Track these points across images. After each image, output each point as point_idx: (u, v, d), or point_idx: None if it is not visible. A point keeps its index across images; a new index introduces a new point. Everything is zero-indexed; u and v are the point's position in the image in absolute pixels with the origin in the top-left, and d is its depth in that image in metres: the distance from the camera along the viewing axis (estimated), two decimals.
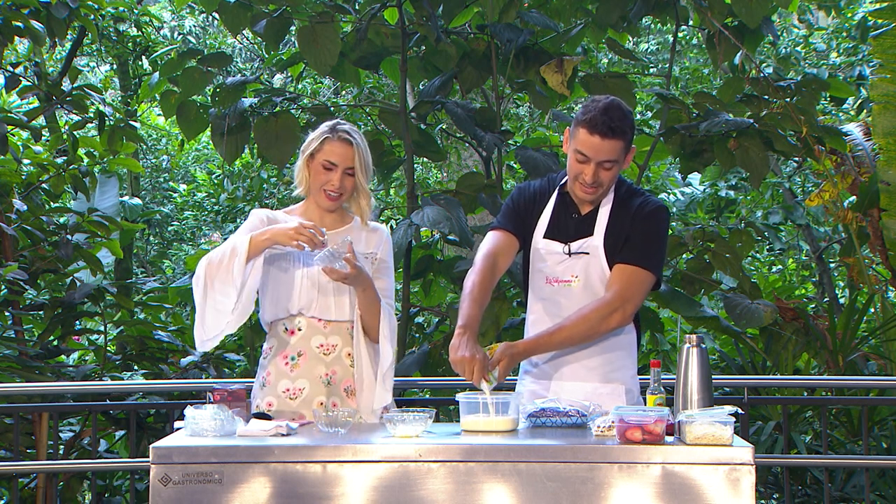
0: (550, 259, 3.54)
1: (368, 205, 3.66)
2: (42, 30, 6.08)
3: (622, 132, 3.37)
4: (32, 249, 5.94)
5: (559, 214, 3.57)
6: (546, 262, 3.55)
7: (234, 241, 3.46)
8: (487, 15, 6.48)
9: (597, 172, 3.40)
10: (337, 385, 3.55)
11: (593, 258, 3.50)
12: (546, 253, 3.55)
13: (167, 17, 12.42)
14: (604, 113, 3.35)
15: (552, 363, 3.55)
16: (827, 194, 7.31)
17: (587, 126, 3.37)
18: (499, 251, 3.56)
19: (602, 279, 3.49)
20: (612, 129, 3.34)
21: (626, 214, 3.51)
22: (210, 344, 3.51)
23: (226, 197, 11.23)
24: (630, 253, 3.46)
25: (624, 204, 3.53)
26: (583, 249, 3.51)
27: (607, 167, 3.40)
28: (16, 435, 4.96)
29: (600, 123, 3.35)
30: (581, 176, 3.43)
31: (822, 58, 11.03)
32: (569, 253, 3.52)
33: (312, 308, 3.55)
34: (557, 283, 3.53)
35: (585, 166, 3.41)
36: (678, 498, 2.86)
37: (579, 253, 3.51)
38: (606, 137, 3.35)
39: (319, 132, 3.61)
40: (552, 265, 3.54)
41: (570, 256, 3.51)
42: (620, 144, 3.39)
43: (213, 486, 2.93)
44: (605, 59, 10.39)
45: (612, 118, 3.35)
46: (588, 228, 3.52)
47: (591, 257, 3.50)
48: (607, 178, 3.43)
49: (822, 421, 5.23)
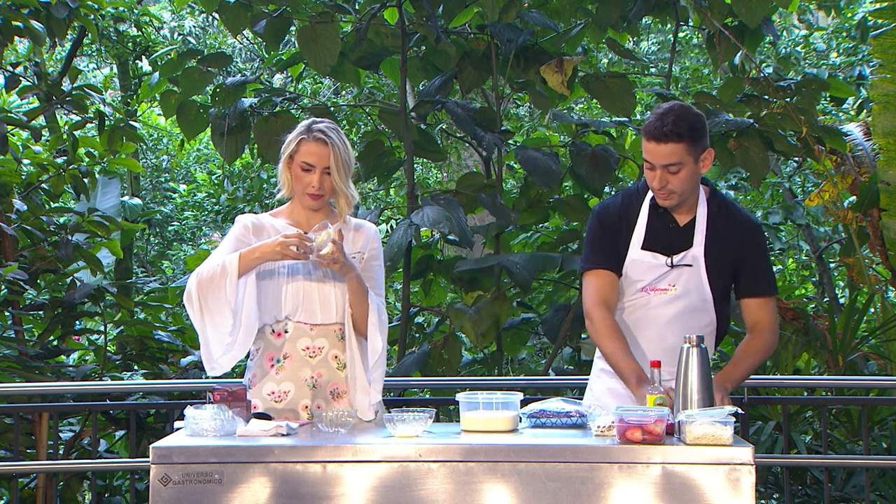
0: (650, 270, 3.56)
1: (348, 204, 3.61)
2: (42, 30, 6.08)
3: (677, 135, 3.40)
4: (32, 249, 5.94)
5: (654, 225, 3.59)
6: (645, 272, 3.56)
7: (223, 259, 3.41)
8: (487, 15, 6.48)
9: (663, 177, 3.45)
10: (323, 388, 3.53)
11: (694, 269, 3.54)
12: (646, 265, 3.56)
13: (167, 18, 12.43)
14: (659, 118, 3.43)
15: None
16: (827, 194, 7.31)
17: (644, 133, 3.46)
18: (606, 295, 3.58)
19: (699, 289, 3.53)
20: (664, 134, 3.40)
21: (727, 227, 3.57)
22: (219, 367, 3.46)
23: (226, 197, 11.24)
24: (758, 286, 3.61)
25: (722, 215, 3.58)
26: (685, 262, 3.54)
27: (673, 171, 3.44)
28: (16, 435, 4.96)
29: (654, 129, 3.42)
30: (651, 183, 3.50)
31: (822, 58, 11.02)
32: (671, 265, 3.54)
33: (299, 313, 3.53)
34: (654, 291, 3.56)
35: (652, 173, 3.47)
36: (678, 498, 2.86)
37: (682, 265, 3.54)
38: (661, 142, 3.41)
39: (296, 133, 3.58)
40: (651, 276, 3.56)
41: (673, 268, 3.54)
42: (680, 147, 3.41)
43: (213, 486, 2.93)
44: (605, 59, 10.39)
45: (665, 122, 3.41)
46: (687, 240, 3.56)
47: (693, 268, 3.54)
48: (676, 182, 3.46)
49: (822, 421, 5.23)
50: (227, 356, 3.45)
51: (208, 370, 3.49)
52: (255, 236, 3.54)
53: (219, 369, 3.48)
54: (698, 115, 3.48)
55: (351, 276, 3.47)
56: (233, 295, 3.37)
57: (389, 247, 5.65)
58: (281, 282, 3.54)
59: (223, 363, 3.47)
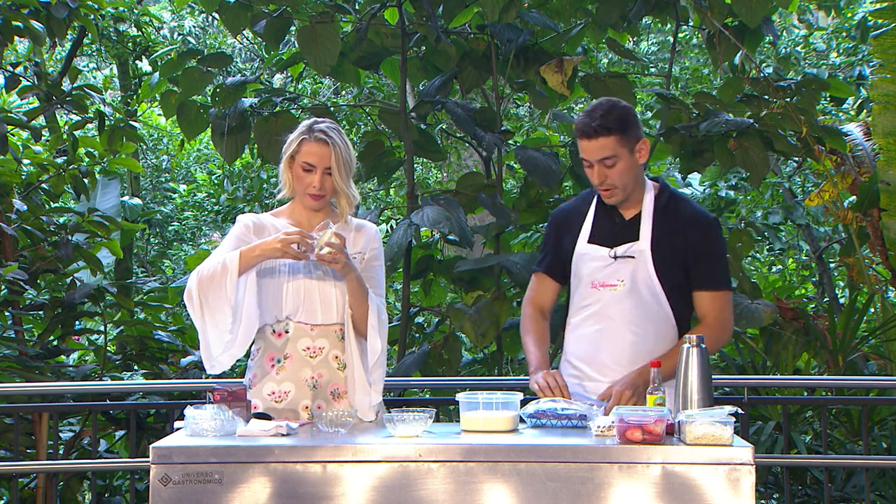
0: (595, 263, 3.59)
1: (349, 204, 3.61)
2: (42, 30, 6.08)
3: (606, 129, 3.45)
4: (32, 249, 5.94)
5: (601, 220, 3.64)
6: (591, 266, 3.59)
7: (224, 257, 3.42)
8: (487, 15, 6.48)
9: (601, 172, 3.50)
10: (323, 388, 3.53)
11: (640, 262, 3.55)
12: (590, 258, 3.60)
13: (167, 18, 12.43)
14: (587, 116, 3.49)
15: (589, 363, 3.58)
16: (827, 194, 7.31)
17: (577, 133, 3.53)
18: (541, 298, 3.74)
19: (648, 283, 3.54)
20: (594, 129, 3.46)
21: (675, 221, 3.58)
22: (219, 365, 3.46)
23: (226, 197, 11.24)
24: (706, 279, 3.59)
25: (670, 210, 3.60)
26: (629, 253, 3.56)
27: (609, 164, 3.49)
28: (16, 435, 4.96)
29: (584, 126, 3.50)
30: (592, 180, 3.55)
31: (822, 58, 11.02)
32: (614, 257, 3.57)
33: (299, 314, 3.53)
34: (603, 287, 3.57)
35: (591, 170, 3.53)
36: (678, 498, 2.86)
37: (625, 257, 3.56)
38: (592, 137, 3.47)
39: (297, 133, 3.58)
40: (597, 269, 3.58)
41: (616, 260, 3.57)
42: (611, 140, 3.46)
43: (213, 486, 2.93)
44: (605, 59, 10.39)
45: (593, 118, 3.47)
46: (633, 234, 3.58)
47: (638, 261, 3.55)
48: (615, 175, 3.50)
49: (822, 421, 5.23)
50: (226, 354, 3.45)
51: (208, 368, 3.49)
52: (256, 236, 3.54)
53: (218, 367, 3.47)
54: (626, 108, 3.53)
55: (351, 276, 3.47)
56: (233, 293, 3.38)
57: (389, 247, 5.65)
58: (282, 282, 3.54)
59: (223, 361, 3.47)
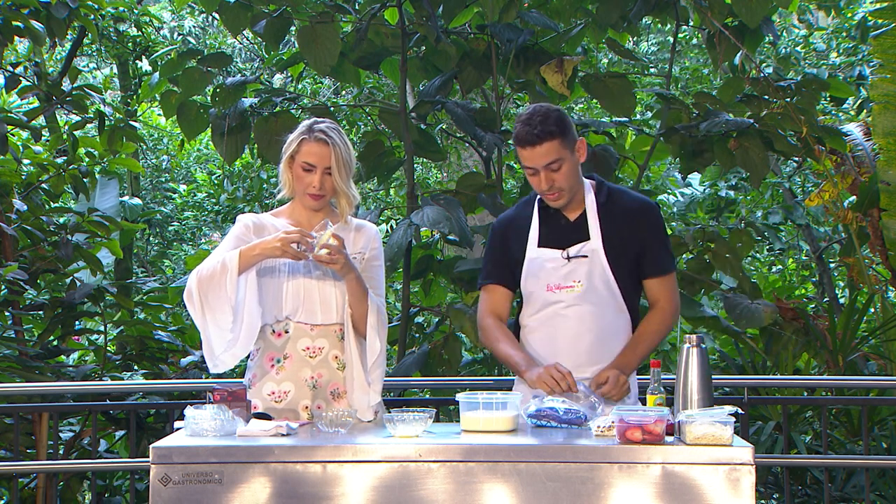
0: (549, 265, 3.59)
1: (349, 204, 3.62)
2: (42, 30, 6.08)
3: (549, 133, 3.46)
4: (32, 249, 5.94)
5: (547, 223, 3.64)
6: (545, 268, 3.60)
7: (224, 256, 3.42)
8: (487, 15, 6.48)
9: (548, 178, 3.51)
10: (323, 388, 3.53)
11: (594, 260, 3.56)
12: (543, 261, 3.60)
13: (167, 18, 12.43)
14: (526, 124, 3.49)
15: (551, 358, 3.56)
16: (827, 194, 7.31)
17: (518, 143, 3.52)
18: (497, 308, 3.72)
19: (604, 280, 3.55)
20: (537, 136, 3.47)
21: (620, 214, 3.60)
22: (222, 364, 3.46)
23: (226, 197, 11.24)
24: (656, 265, 3.62)
25: (612, 204, 3.62)
26: (582, 253, 3.57)
27: (554, 168, 3.50)
28: (16, 435, 4.96)
29: (525, 134, 3.49)
30: (539, 187, 3.54)
31: (822, 58, 11.02)
32: (567, 258, 3.58)
33: (299, 314, 3.53)
34: (559, 289, 3.57)
35: (536, 178, 3.53)
36: (678, 498, 2.86)
37: (578, 257, 3.57)
38: (536, 144, 3.48)
39: (297, 133, 3.58)
40: (552, 271, 3.59)
41: (570, 261, 3.57)
42: (555, 143, 3.47)
43: (213, 486, 2.93)
44: (605, 59, 10.39)
45: (533, 125, 3.47)
46: (583, 233, 3.59)
47: (593, 260, 3.56)
48: (561, 178, 3.52)
49: (822, 421, 5.23)
50: (228, 353, 3.46)
51: (211, 367, 3.48)
52: (256, 236, 3.54)
53: (221, 366, 3.47)
54: (559, 110, 3.56)
55: (351, 276, 3.47)
56: (233, 291, 3.38)
57: (389, 247, 5.64)
58: (281, 282, 3.54)
59: (225, 360, 3.47)
